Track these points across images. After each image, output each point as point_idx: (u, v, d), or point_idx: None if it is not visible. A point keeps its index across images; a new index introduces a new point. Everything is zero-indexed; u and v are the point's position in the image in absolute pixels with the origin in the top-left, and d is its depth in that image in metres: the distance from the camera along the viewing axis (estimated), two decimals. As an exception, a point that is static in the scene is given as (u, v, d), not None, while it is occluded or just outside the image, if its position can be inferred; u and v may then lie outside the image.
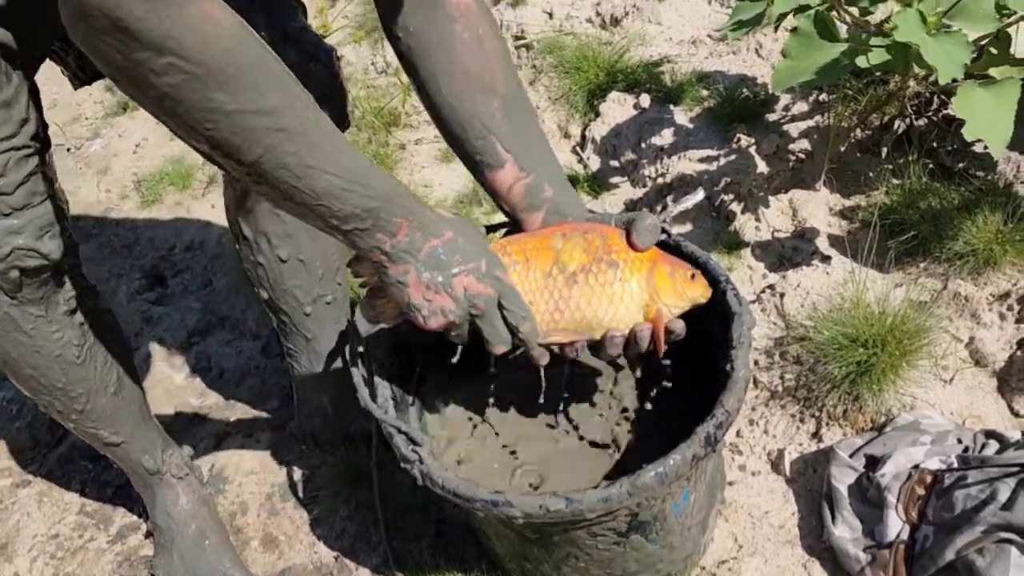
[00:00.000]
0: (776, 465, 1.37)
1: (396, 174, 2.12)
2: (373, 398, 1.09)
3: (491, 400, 1.18)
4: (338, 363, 1.44)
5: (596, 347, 1.07)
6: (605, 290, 1.03)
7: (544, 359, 1.04)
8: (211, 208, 2.21)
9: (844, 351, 1.36)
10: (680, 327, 1.05)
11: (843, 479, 1.26)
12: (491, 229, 1.17)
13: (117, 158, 2.46)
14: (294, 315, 1.40)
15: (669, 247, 1.20)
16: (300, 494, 1.51)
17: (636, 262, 1.04)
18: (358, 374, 1.11)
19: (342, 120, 1.27)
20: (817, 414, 1.39)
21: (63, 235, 1.07)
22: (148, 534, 1.48)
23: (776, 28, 1.72)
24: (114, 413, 1.26)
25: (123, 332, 1.34)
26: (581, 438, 1.20)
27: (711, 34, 2.27)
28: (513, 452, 1.19)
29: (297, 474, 1.54)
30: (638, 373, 1.25)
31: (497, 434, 1.22)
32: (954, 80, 1.28)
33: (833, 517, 1.25)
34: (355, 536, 1.43)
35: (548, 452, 1.19)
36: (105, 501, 1.60)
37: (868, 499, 1.23)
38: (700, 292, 1.06)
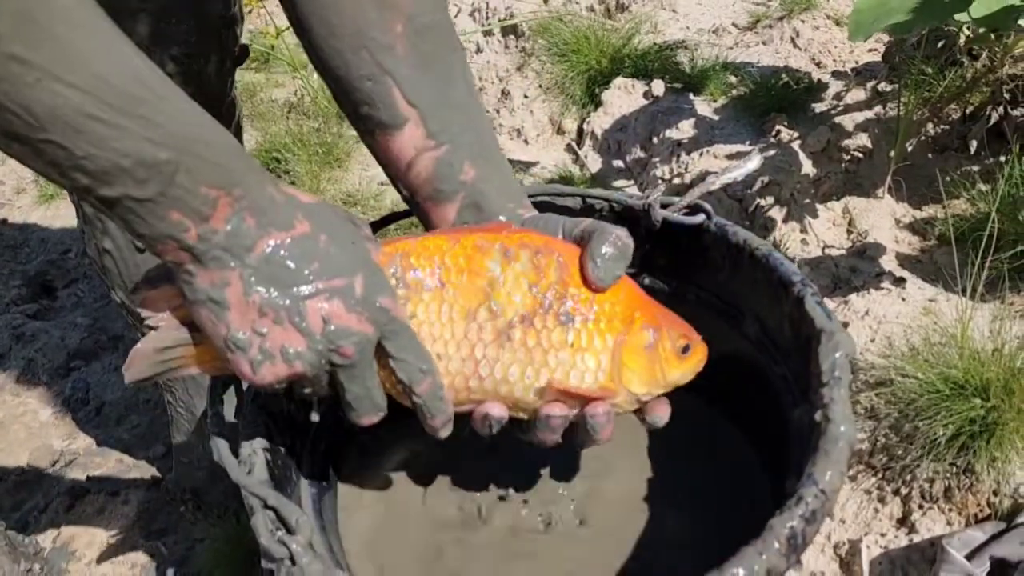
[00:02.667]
0: (847, 564, 0.95)
1: (347, 170, 1.72)
2: (234, 450, 0.68)
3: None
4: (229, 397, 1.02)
5: (523, 425, 0.67)
6: (548, 359, 0.64)
7: (445, 432, 0.64)
8: (121, 206, 1.81)
9: (948, 402, 0.95)
10: (661, 417, 0.67)
11: (959, 593, 0.84)
12: (388, 220, 0.78)
13: (19, 147, 2.06)
14: None
15: (710, 232, 0.80)
16: (170, 580, 1.08)
17: (603, 320, 0.64)
18: (215, 407, 0.69)
19: (234, 53, 0.88)
20: (905, 491, 0.98)
21: None
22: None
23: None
24: None
25: None
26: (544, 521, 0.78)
27: (736, 22, 1.90)
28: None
29: (168, 551, 1.11)
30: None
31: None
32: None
33: (944, 651, 0.83)
34: (239, 647, 1.00)
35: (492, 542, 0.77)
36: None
37: (999, 626, 0.81)
38: (685, 373, 0.66)
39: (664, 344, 0.65)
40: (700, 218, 0.80)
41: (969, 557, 0.86)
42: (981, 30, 1.21)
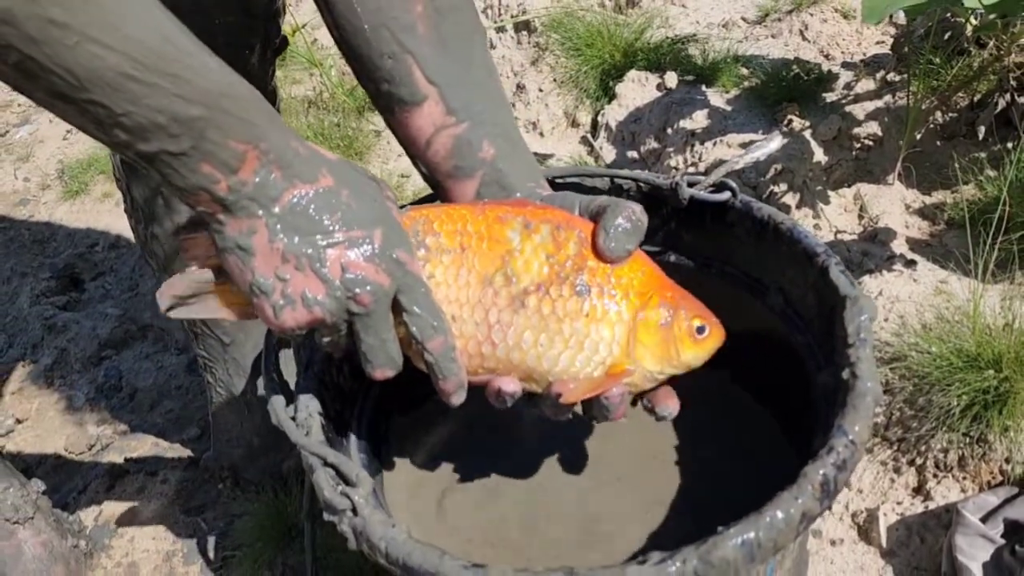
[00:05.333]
0: (866, 531, 0.99)
1: (368, 162, 1.76)
2: (292, 413, 0.72)
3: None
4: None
5: (535, 398, 0.70)
6: (563, 328, 0.66)
7: (457, 398, 0.67)
8: (145, 200, 1.84)
9: (961, 375, 0.99)
10: (670, 409, 0.70)
11: (975, 554, 0.88)
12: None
13: (43, 144, 2.09)
14: None
15: (735, 209, 0.84)
16: (210, 554, 1.12)
17: (619, 293, 0.67)
18: (270, 375, 0.73)
19: (272, 40, 0.91)
20: (920, 461, 1.01)
21: None
22: (-10, 606, 1.09)
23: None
24: None
25: None
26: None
27: (745, 16, 1.94)
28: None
29: (208, 526, 1.15)
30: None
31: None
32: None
33: (960, 609, 0.87)
34: (279, 616, 1.04)
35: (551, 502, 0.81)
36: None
37: (1013, 584, 0.85)
38: (699, 355, 0.69)
39: (680, 323, 0.67)
40: (726, 195, 0.84)
41: (984, 520, 0.90)
42: (991, 17, 1.25)
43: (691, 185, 0.85)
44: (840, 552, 0.98)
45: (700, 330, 0.68)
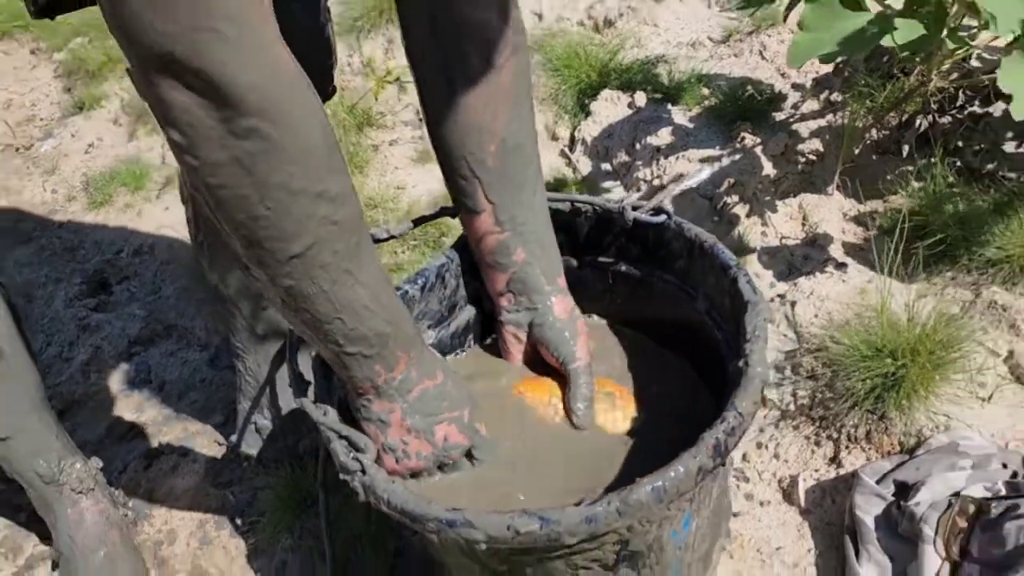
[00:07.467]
0: (788, 494, 1.18)
1: (368, 176, 1.94)
2: (311, 396, 0.90)
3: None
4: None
5: None
6: None
7: None
8: (165, 211, 2.03)
9: (868, 362, 1.18)
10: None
11: (869, 509, 1.07)
12: (419, 221, 1.06)
13: (67, 158, 2.27)
14: (244, 306, 1.21)
15: (671, 229, 1.03)
16: (237, 521, 1.31)
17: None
18: (294, 365, 0.92)
19: (326, 88, 1.10)
20: (835, 435, 1.20)
21: None
22: (54, 564, 1.28)
23: (785, 18, 1.56)
24: None
25: (15, 310, 1.15)
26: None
27: (711, 36, 2.13)
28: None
29: (236, 498, 1.34)
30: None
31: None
32: (1007, 48, 1.12)
33: (857, 554, 1.06)
34: (298, 571, 1.23)
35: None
36: (17, 527, 1.39)
37: (899, 533, 1.04)
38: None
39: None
40: (662, 218, 1.03)
41: (878, 482, 1.09)
42: (904, 54, 1.43)
43: (635, 209, 1.04)
44: (767, 511, 1.17)
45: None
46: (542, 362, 1.03)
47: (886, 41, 1.30)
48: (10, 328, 1.12)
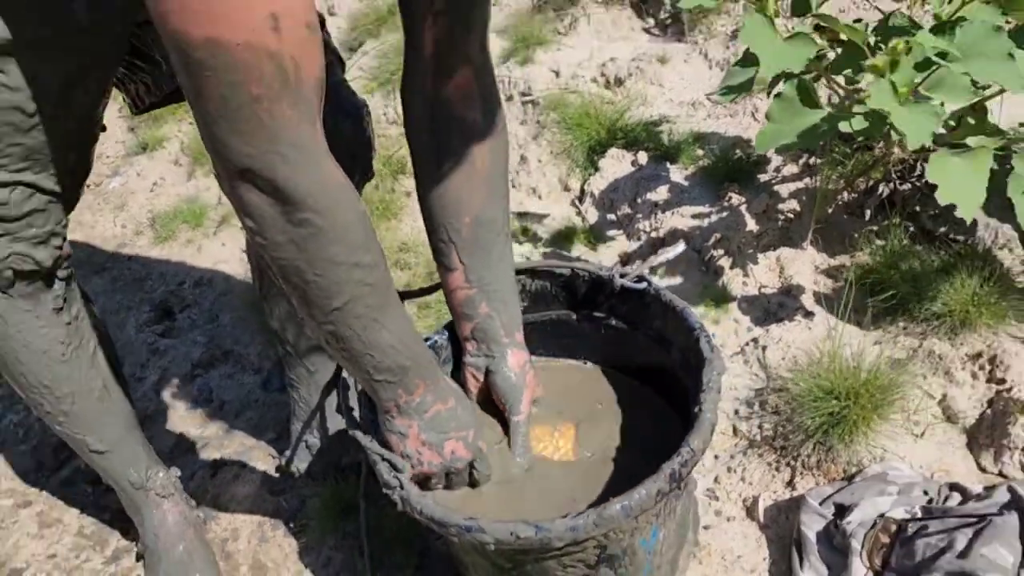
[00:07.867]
0: (751, 511, 1.42)
1: (400, 221, 2.19)
2: (360, 427, 1.15)
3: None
4: (334, 397, 1.49)
5: None
6: None
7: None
8: (222, 246, 2.29)
9: (819, 402, 1.41)
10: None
11: (812, 526, 1.30)
12: (405, 296, 1.27)
13: (134, 195, 2.55)
14: (299, 346, 1.46)
15: (650, 294, 1.26)
16: (290, 524, 1.56)
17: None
18: (346, 402, 1.17)
19: (366, 173, 1.34)
20: (792, 463, 1.44)
21: (57, 246, 1.15)
22: (139, 556, 1.53)
23: (769, 94, 1.79)
24: (99, 419, 1.33)
25: (112, 344, 1.41)
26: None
27: (710, 97, 2.36)
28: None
29: (288, 504, 1.59)
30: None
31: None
32: (929, 148, 1.35)
33: (801, 562, 1.29)
34: (341, 566, 1.47)
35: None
36: (103, 524, 1.65)
37: (835, 546, 1.27)
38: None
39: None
40: (643, 285, 1.27)
41: (821, 503, 1.32)
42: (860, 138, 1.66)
43: (622, 276, 1.28)
44: (732, 525, 1.41)
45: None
46: (492, 402, 1.26)
47: (843, 127, 1.53)
48: (112, 360, 1.38)
